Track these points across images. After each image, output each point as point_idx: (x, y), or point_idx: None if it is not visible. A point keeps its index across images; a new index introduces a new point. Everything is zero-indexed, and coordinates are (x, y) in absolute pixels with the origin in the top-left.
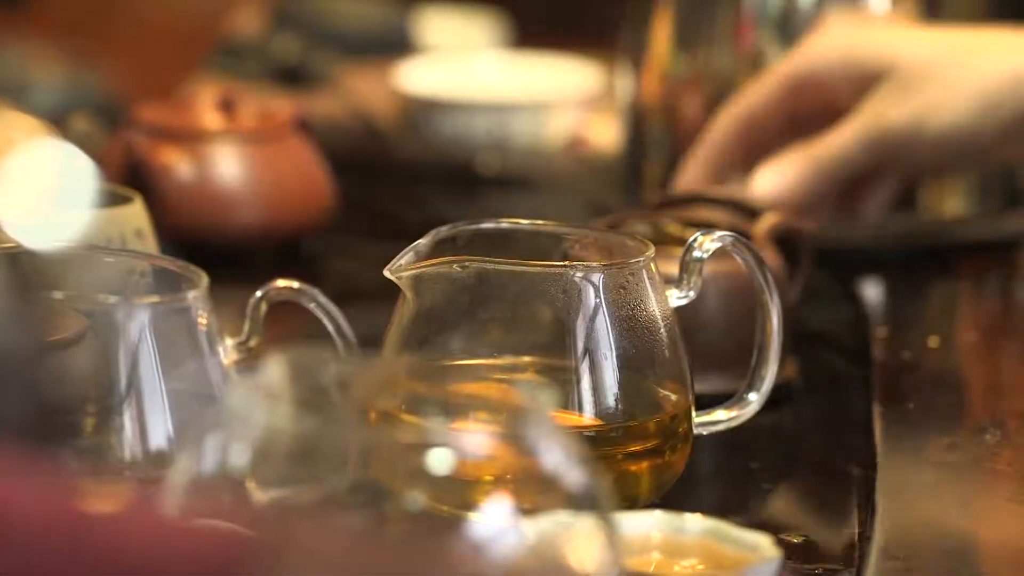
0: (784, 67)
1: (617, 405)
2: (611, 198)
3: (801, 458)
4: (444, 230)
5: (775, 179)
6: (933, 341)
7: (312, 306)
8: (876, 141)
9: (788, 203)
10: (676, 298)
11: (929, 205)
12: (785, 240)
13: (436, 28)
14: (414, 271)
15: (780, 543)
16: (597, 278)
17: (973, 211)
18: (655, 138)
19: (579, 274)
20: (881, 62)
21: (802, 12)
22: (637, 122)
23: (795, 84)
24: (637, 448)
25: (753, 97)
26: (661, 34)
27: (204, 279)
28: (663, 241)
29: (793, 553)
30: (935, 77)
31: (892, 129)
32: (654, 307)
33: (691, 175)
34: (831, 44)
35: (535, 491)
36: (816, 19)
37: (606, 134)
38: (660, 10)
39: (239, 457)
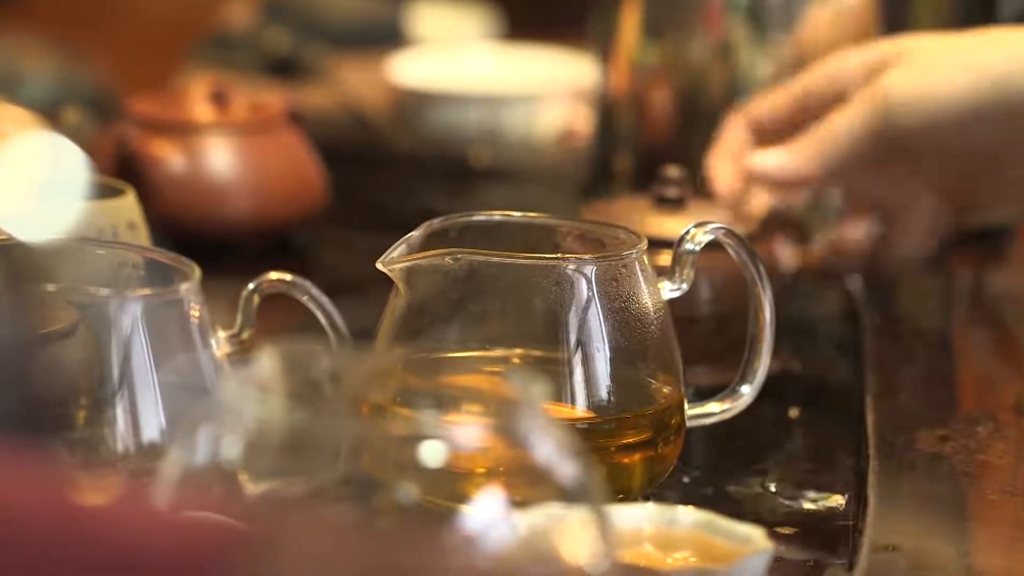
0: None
1: (609, 397)
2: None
3: (793, 450)
4: (436, 222)
5: (780, 158)
6: (925, 333)
7: (304, 298)
8: (878, 109)
9: (794, 181)
10: (668, 290)
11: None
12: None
13: (428, 20)
14: (406, 263)
15: (772, 535)
16: (589, 270)
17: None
18: (624, 129)
19: (571, 266)
20: (897, 47)
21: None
22: (606, 113)
23: (811, 81)
24: (629, 440)
25: (768, 98)
26: (629, 22)
27: (196, 271)
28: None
29: (785, 545)
30: (940, 52)
31: (892, 95)
32: (646, 299)
33: (720, 176)
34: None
35: (527, 483)
36: (789, 9)
37: None
38: None
39: (231, 449)
